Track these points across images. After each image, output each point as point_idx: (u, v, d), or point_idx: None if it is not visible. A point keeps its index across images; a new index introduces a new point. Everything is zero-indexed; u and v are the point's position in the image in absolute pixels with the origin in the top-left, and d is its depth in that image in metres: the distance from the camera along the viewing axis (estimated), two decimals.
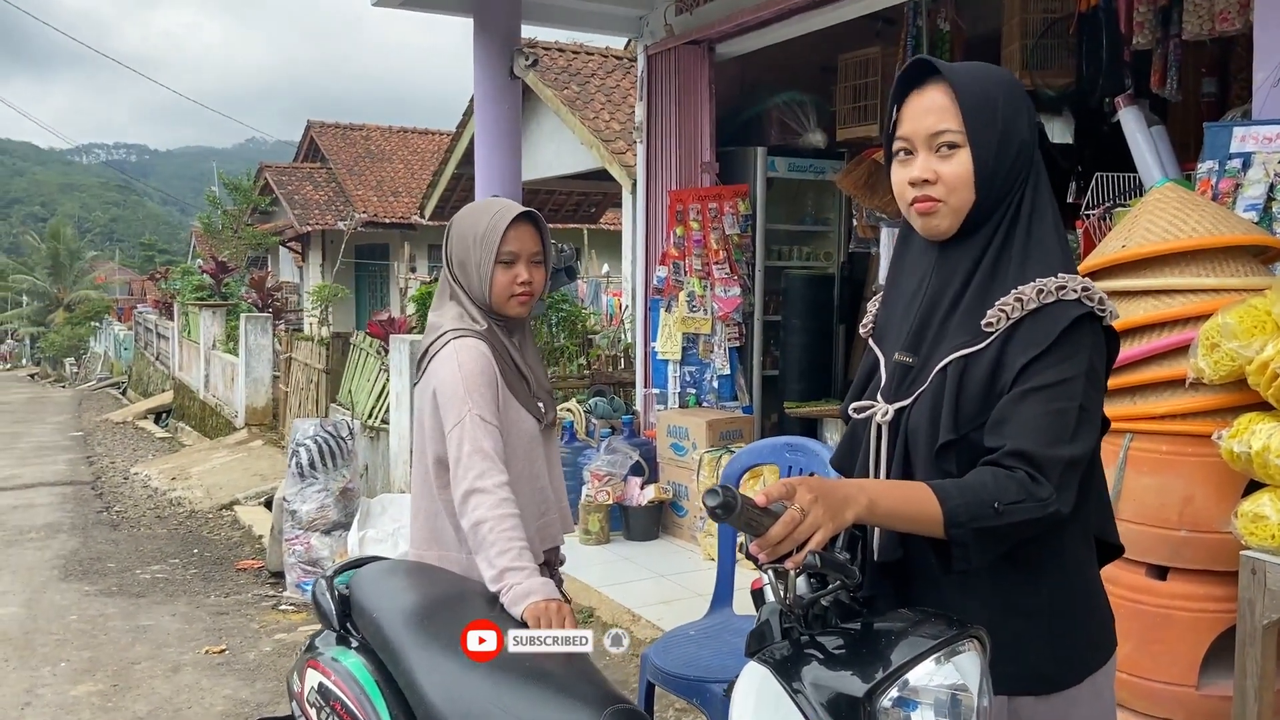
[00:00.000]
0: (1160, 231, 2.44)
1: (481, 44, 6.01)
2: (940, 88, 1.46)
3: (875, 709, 1.27)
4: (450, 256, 2.24)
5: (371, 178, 20.85)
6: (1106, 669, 1.52)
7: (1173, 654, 2.37)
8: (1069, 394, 1.38)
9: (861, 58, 6.08)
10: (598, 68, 12.12)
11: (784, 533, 1.27)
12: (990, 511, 1.33)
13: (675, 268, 5.99)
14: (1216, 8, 4.16)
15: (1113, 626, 1.55)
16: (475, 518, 2.04)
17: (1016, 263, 1.45)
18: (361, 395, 7.72)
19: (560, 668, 1.84)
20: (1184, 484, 2.37)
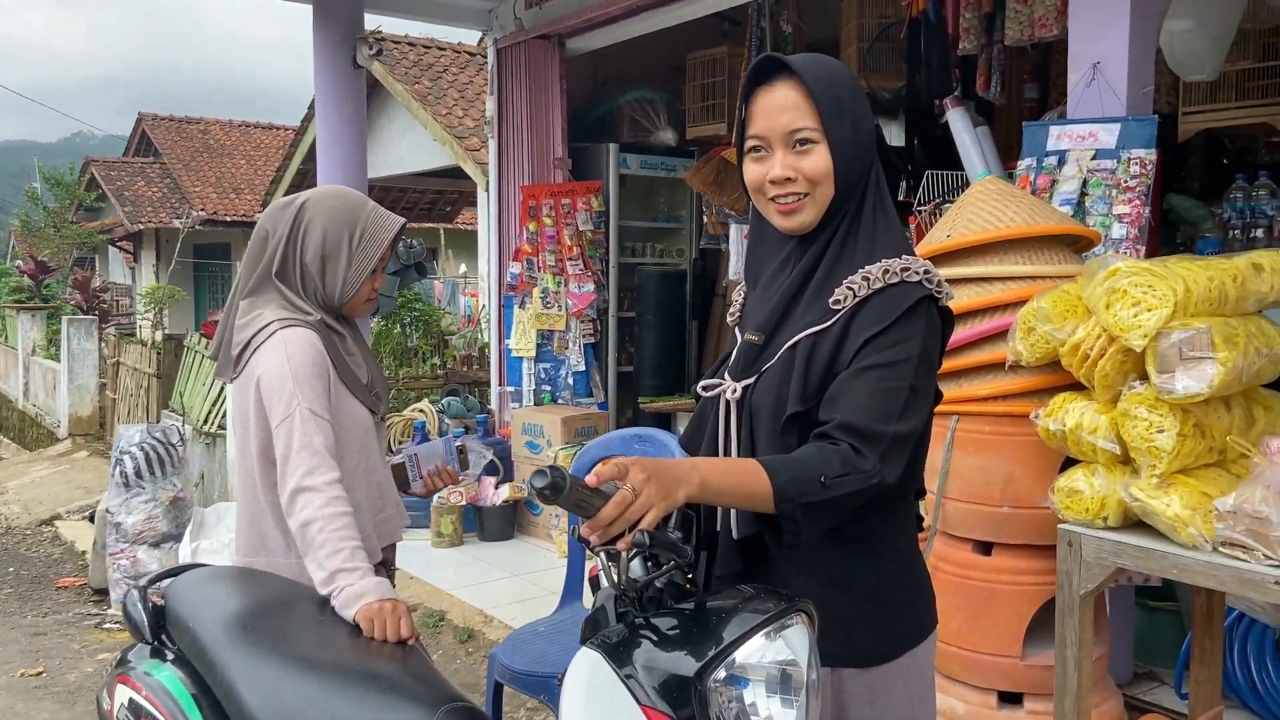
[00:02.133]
0: (981, 222, 2.55)
1: (322, 32, 5.79)
2: (791, 84, 1.46)
3: (705, 688, 1.26)
4: (301, 245, 2.07)
5: (211, 174, 19.88)
6: (926, 644, 1.56)
7: (998, 626, 2.48)
8: (901, 374, 1.40)
9: (709, 57, 6.17)
10: (450, 63, 11.90)
11: (615, 513, 1.24)
12: (817, 486, 1.34)
13: (529, 264, 5.92)
14: (1035, 14, 4.40)
15: (934, 604, 1.60)
16: (304, 517, 1.93)
17: (864, 246, 1.48)
18: (196, 400, 7.32)
19: (394, 668, 1.77)
20: (1005, 463, 2.48)
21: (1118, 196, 3.16)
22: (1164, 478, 2.08)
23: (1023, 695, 2.47)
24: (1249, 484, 1.89)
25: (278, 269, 2.07)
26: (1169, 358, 2.03)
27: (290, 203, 2.11)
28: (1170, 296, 2.03)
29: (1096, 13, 3.24)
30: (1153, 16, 3.28)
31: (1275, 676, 3.15)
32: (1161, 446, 2.06)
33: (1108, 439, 2.15)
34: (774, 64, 1.48)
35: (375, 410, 2.18)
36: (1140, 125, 3.16)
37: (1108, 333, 2.12)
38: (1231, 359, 1.99)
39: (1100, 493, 2.19)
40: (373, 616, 1.87)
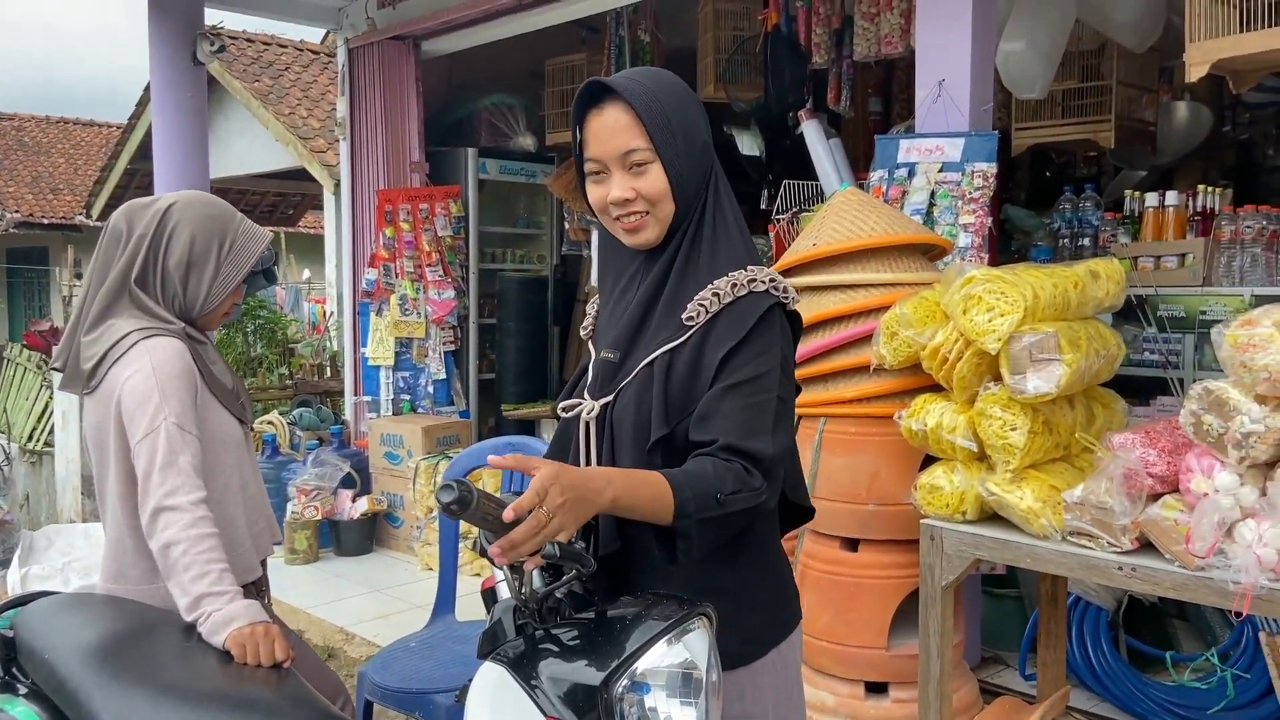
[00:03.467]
0: (845, 231, 2.66)
1: (158, 26, 5.48)
2: (619, 106, 1.46)
3: (611, 696, 1.26)
4: (163, 254, 1.96)
5: (25, 173, 18.49)
6: (791, 640, 1.59)
7: (865, 619, 2.58)
8: (767, 387, 1.43)
9: (568, 63, 6.17)
10: (293, 61, 11.49)
11: (526, 537, 1.22)
12: (714, 502, 1.36)
13: (385, 270, 5.78)
14: (882, 32, 4.62)
15: (796, 601, 1.63)
16: (166, 539, 1.82)
17: (707, 258, 1.49)
18: (19, 415, 6.79)
19: (268, 693, 1.70)
20: (871, 462, 2.59)
21: (963, 207, 3.35)
22: (1017, 473, 2.21)
23: (888, 684, 2.58)
24: (1094, 477, 2.04)
25: (138, 274, 1.94)
26: (1020, 360, 2.16)
27: (153, 204, 1.99)
28: (1021, 302, 2.16)
29: (941, 34, 3.42)
30: (992, 38, 3.49)
31: (1111, 657, 3.40)
32: (1014, 443, 2.19)
33: (965, 437, 2.28)
34: (600, 87, 1.48)
35: (244, 420, 2.09)
36: (982, 140, 3.36)
37: (964, 337, 2.25)
38: (1076, 360, 2.14)
39: (959, 488, 2.32)
40: (244, 641, 1.79)
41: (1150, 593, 2.06)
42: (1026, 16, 3.86)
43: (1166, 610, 3.61)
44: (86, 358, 1.93)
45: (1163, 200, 3.72)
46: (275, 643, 1.81)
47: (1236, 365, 1.85)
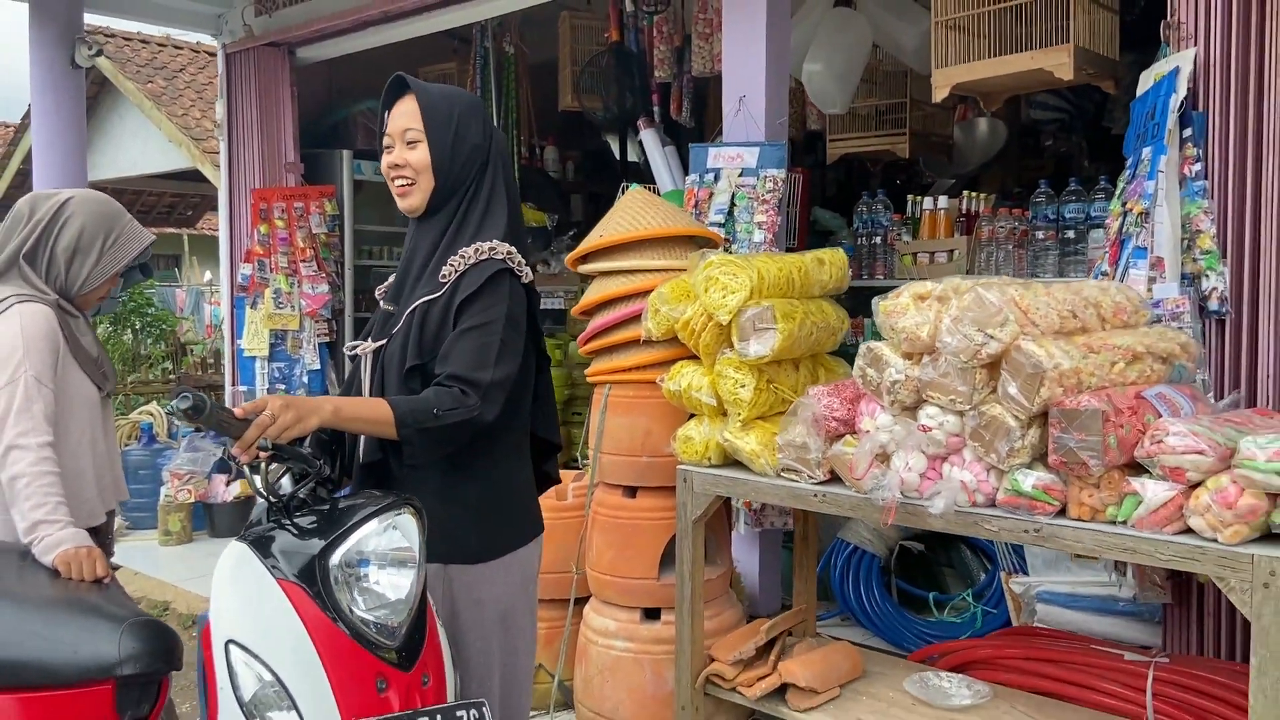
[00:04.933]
0: (628, 224, 3.10)
1: (38, 31, 5.69)
2: (411, 98, 1.96)
3: (329, 564, 1.66)
4: (54, 238, 2.34)
5: None
6: (527, 549, 2.02)
7: (640, 556, 3.01)
8: (492, 332, 1.87)
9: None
10: (188, 63, 11.55)
11: (256, 434, 1.63)
12: (431, 415, 1.78)
13: (260, 265, 6.06)
14: (714, 50, 5.09)
15: (534, 520, 2.06)
16: (13, 472, 2.17)
17: (470, 234, 1.95)
18: None
19: (88, 595, 2.06)
20: (645, 421, 3.03)
21: (758, 207, 3.83)
22: (746, 423, 2.67)
23: (660, 610, 3.02)
24: (792, 421, 2.51)
25: (28, 251, 2.30)
26: (745, 329, 2.62)
27: (55, 195, 2.37)
28: (748, 283, 2.62)
29: (741, 57, 3.90)
30: (785, 61, 3.97)
31: (880, 598, 3.92)
32: (743, 398, 2.65)
33: (709, 395, 2.73)
34: (402, 82, 1.97)
35: (102, 387, 2.44)
36: (774, 149, 3.84)
37: (706, 311, 2.70)
38: (789, 329, 2.60)
39: (706, 438, 2.77)
40: (69, 560, 2.14)
41: (835, 513, 2.54)
42: (825, 41, 4.38)
43: (935, 559, 4.14)
44: None
45: (935, 204, 4.27)
46: (97, 562, 2.16)
47: (887, 329, 2.33)
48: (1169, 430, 1.98)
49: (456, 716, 1.65)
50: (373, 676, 1.62)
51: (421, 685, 1.68)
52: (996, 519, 2.19)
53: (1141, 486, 2.02)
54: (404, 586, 1.71)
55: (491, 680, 1.93)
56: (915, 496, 2.29)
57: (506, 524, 1.99)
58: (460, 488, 1.92)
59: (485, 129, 2.01)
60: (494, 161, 2.01)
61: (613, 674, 2.99)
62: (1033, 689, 2.72)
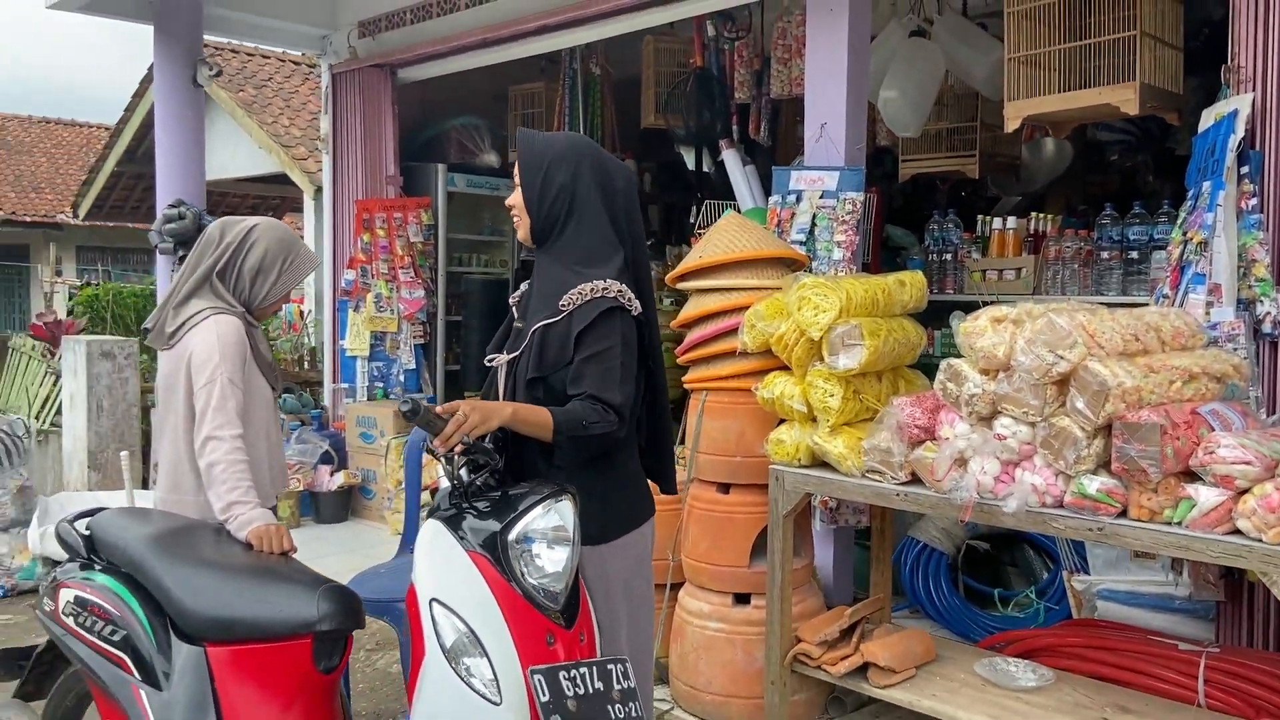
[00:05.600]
0: (724, 246, 3.43)
1: (163, 52, 6.18)
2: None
3: (506, 540, 2.02)
4: (242, 259, 2.73)
5: (9, 171, 18.91)
6: (640, 532, 2.36)
7: (733, 546, 3.34)
8: (612, 358, 2.20)
9: (529, 91, 6.93)
10: (275, 72, 12.12)
11: (454, 429, 1.99)
12: (580, 426, 2.14)
13: (363, 271, 6.50)
14: (793, 74, 5.40)
15: (644, 506, 2.39)
16: (210, 459, 2.56)
17: (567, 265, 2.27)
18: (22, 400, 7.44)
19: (281, 566, 2.44)
20: (739, 424, 3.36)
21: (837, 227, 4.13)
22: (833, 428, 2.99)
23: (750, 595, 3.35)
24: (878, 428, 2.82)
25: (220, 269, 2.70)
26: (834, 344, 2.94)
27: (241, 222, 2.77)
28: (837, 303, 2.94)
29: (823, 85, 4.19)
30: (864, 91, 4.26)
31: (948, 593, 4.20)
32: (832, 406, 2.97)
33: (800, 402, 3.05)
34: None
35: (275, 387, 2.84)
36: (853, 173, 4.14)
37: (799, 328, 3.02)
38: (874, 345, 2.92)
39: (796, 441, 3.09)
40: (261, 535, 2.53)
41: (916, 510, 2.84)
42: (901, 69, 4.66)
43: (1000, 558, 4.41)
44: (171, 323, 2.67)
45: (1004, 224, 4.53)
46: (284, 538, 2.55)
47: (966, 348, 2.63)
48: (1220, 443, 2.26)
49: (607, 669, 1.99)
50: (544, 632, 1.97)
51: (579, 642, 2.02)
52: (1064, 518, 2.48)
53: (1195, 492, 2.30)
54: (561, 561, 2.06)
55: (619, 641, 2.27)
56: (990, 497, 2.59)
57: (623, 510, 2.33)
58: (584, 480, 2.25)
59: (576, 172, 2.30)
60: (582, 203, 2.30)
61: (707, 651, 3.33)
62: (1092, 674, 2.99)
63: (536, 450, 2.24)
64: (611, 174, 2.35)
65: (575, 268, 2.25)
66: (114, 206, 15.14)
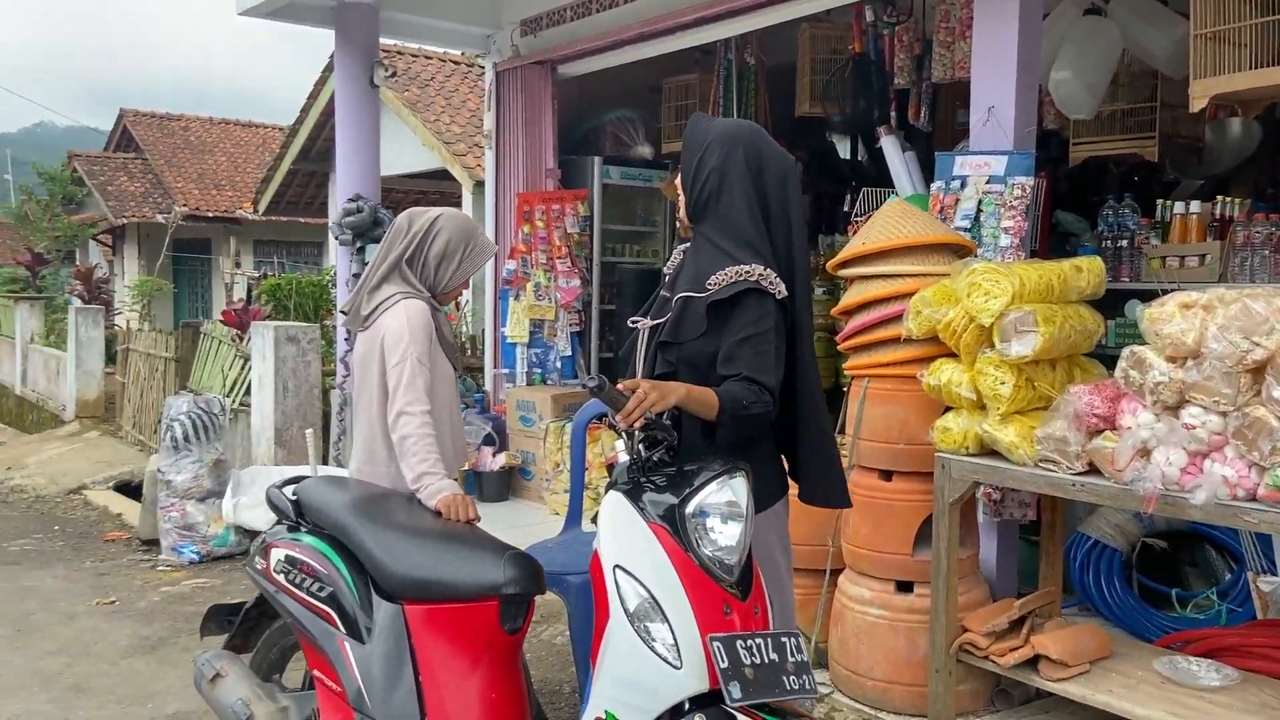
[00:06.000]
0: (887, 233, 3.41)
1: (343, 55, 6.56)
2: None
3: (684, 513, 2.09)
4: (428, 247, 2.91)
5: (192, 170, 20.32)
6: (779, 506, 2.45)
7: (895, 533, 3.33)
8: (765, 341, 2.28)
9: (683, 82, 7.01)
10: (437, 71, 12.63)
11: (635, 405, 2.08)
12: (742, 406, 2.22)
13: (523, 261, 6.74)
14: (956, 58, 5.29)
15: (779, 483, 2.47)
16: (402, 433, 2.75)
17: (713, 248, 2.36)
18: (214, 381, 8.05)
19: (470, 533, 2.60)
20: (902, 411, 3.34)
21: (1004, 213, 4.04)
22: (1004, 416, 2.94)
23: (913, 583, 3.33)
24: (1053, 417, 2.76)
25: (408, 257, 2.88)
26: (1007, 331, 2.89)
27: (427, 212, 2.95)
28: (1009, 288, 2.89)
29: (991, 67, 4.09)
30: (1035, 71, 4.14)
31: (1121, 590, 4.05)
32: (1003, 394, 2.92)
33: (969, 390, 3.02)
34: None
35: (456, 367, 3.02)
36: (1022, 157, 4.03)
37: (968, 314, 2.99)
38: (1050, 332, 2.85)
39: (964, 429, 3.06)
40: (450, 504, 2.69)
41: (1093, 502, 2.76)
42: (1075, 48, 4.50)
43: (1179, 557, 4.22)
44: (366, 307, 2.87)
45: (1187, 209, 4.32)
46: (469, 507, 2.71)
47: (1151, 334, 2.55)
48: None
49: (782, 641, 2.04)
50: (720, 602, 2.04)
51: (754, 614, 2.09)
52: (1257, 511, 2.37)
53: None
54: (735, 535, 2.12)
55: None
56: (1175, 489, 2.50)
57: (764, 485, 2.38)
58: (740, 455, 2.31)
59: (727, 156, 2.37)
60: (730, 187, 2.37)
61: (868, 637, 3.33)
62: None
63: (699, 429, 2.31)
64: (766, 160, 2.41)
65: (724, 248, 2.33)
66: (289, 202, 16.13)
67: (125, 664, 4.05)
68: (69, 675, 3.92)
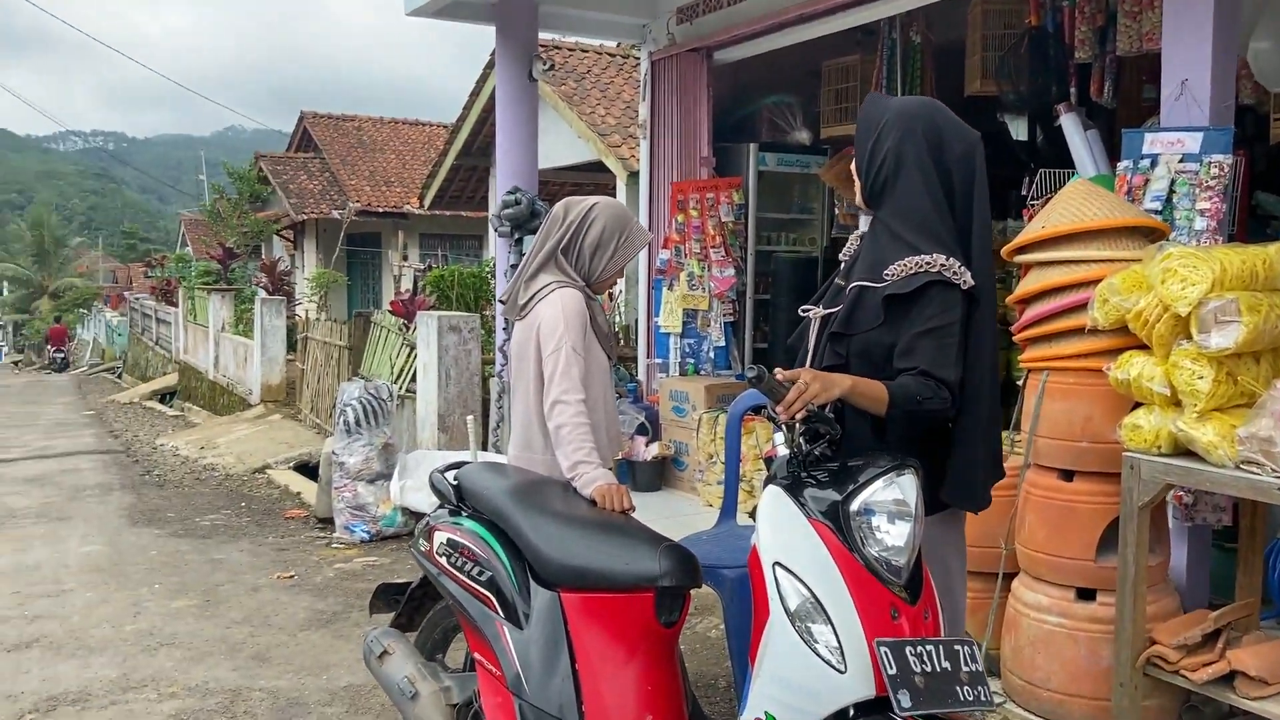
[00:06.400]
0: (1070, 216, 3.19)
1: (503, 51, 6.70)
2: None
3: (848, 511, 2.01)
4: (583, 236, 2.90)
5: (364, 167, 21.33)
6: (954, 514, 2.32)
7: (1077, 537, 3.12)
8: (949, 334, 2.15)
9: (843, 65, 6.81)
10: (593, 64, 12.77)
11: (795, 397, 2.00)
12: (915, 402, 2.10)
13: (677, 251, 6.72)
14: (1143, 29, 4.92)
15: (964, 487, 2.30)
16: (558, 421, 2.76)
17: (903, 233, 2.23)
18: (383, 368, 8.40)
19: (625, 523, 2.58)
20: (1085, 407, 3.12)
21: (1200, 194, 3.72)
22: (1202, 414, 2.70)
23: (1095, 591, 3.11)
24: (1258, 415, 2.51)
25: (563, 247, 2.90)
26: (1206, 321, 2.65)
27: (583, 201, 2.96)
28: (1209, 275, 2.65)
29: (1184, 37, 3.78)
30: (1233, 42, 3.80)
31: None
32: (1201, 390, 2.68)
33: (1162, 385, 2.78)
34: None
35: (611, 356, 3.01)
36: (1220, 134, 3.70)
37: (1162, 303, 2.75)
38: (1254, 322, 2.60)
39: (1156, 427, 2.82)
40: (605, 493, 2.68)
41: None
42: (1274, 17, 4.10)
43: None
44: (523, 296, 2.90)
45: None
46: (624, 497, 2.69)
47: None
48: None
49: (955, 649, 1.93)
50: (887, 605, 1.94)
51: (924, 619, 1.98)
52: None
53: None
54: (904, 535, 2.02)
55: None
56: None
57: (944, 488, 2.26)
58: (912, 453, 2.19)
59: (904, 136, 2.24)
60: (909, 169, 2.23)
61: (1045, 646, 3.14)
62: None
63: (868, 423, 2.21)
64: (947, 139, 2.27)
65: (903, 235, 2.21)
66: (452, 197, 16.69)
67: (302, 636, 4.27)
68: (252, 645, 4.17)
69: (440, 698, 2.65)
